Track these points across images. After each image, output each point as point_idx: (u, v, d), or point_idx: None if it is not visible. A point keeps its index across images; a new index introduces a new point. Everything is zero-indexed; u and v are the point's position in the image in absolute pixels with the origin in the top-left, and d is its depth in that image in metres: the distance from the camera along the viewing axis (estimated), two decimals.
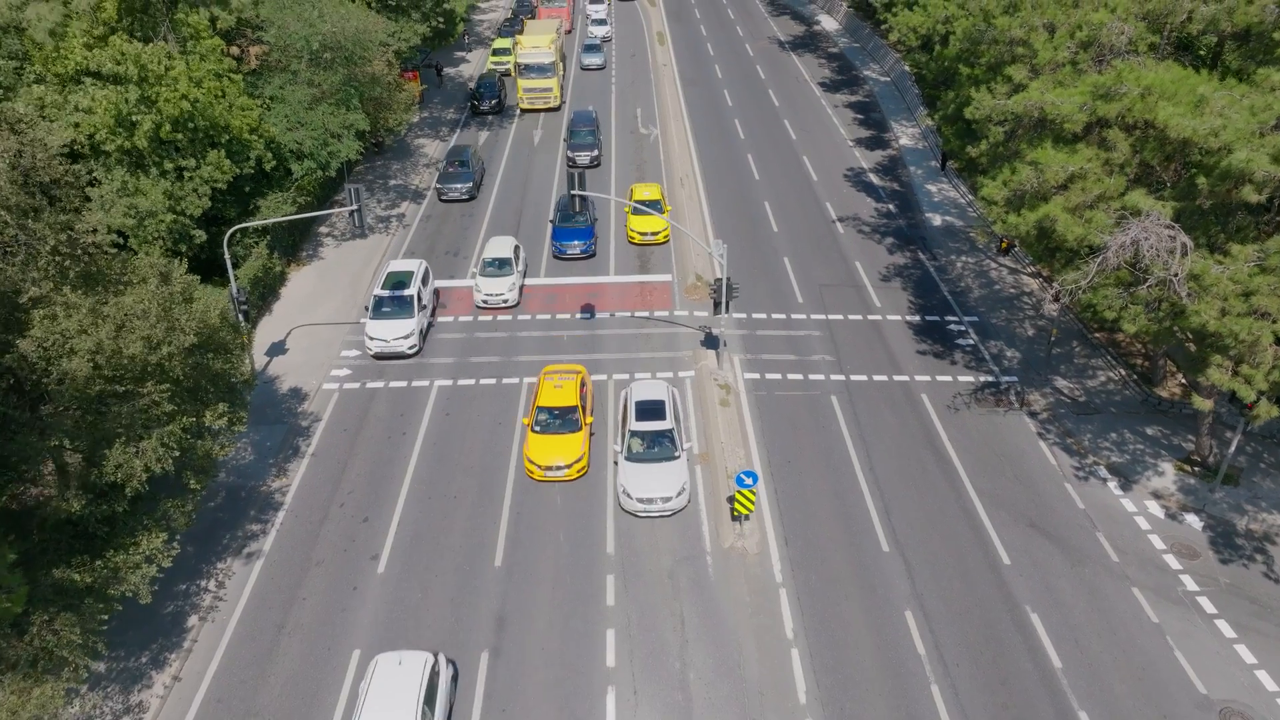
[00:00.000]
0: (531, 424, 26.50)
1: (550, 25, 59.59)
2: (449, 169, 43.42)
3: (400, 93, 42.90)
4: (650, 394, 26.88)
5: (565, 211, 37.67)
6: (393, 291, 31.91)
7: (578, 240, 37.18)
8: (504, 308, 33.98)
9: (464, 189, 42.51)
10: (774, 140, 50.55)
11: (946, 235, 39.92)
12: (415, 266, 33.22)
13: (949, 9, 36.84)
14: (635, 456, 25.13)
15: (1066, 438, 27.75)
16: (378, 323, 31.25)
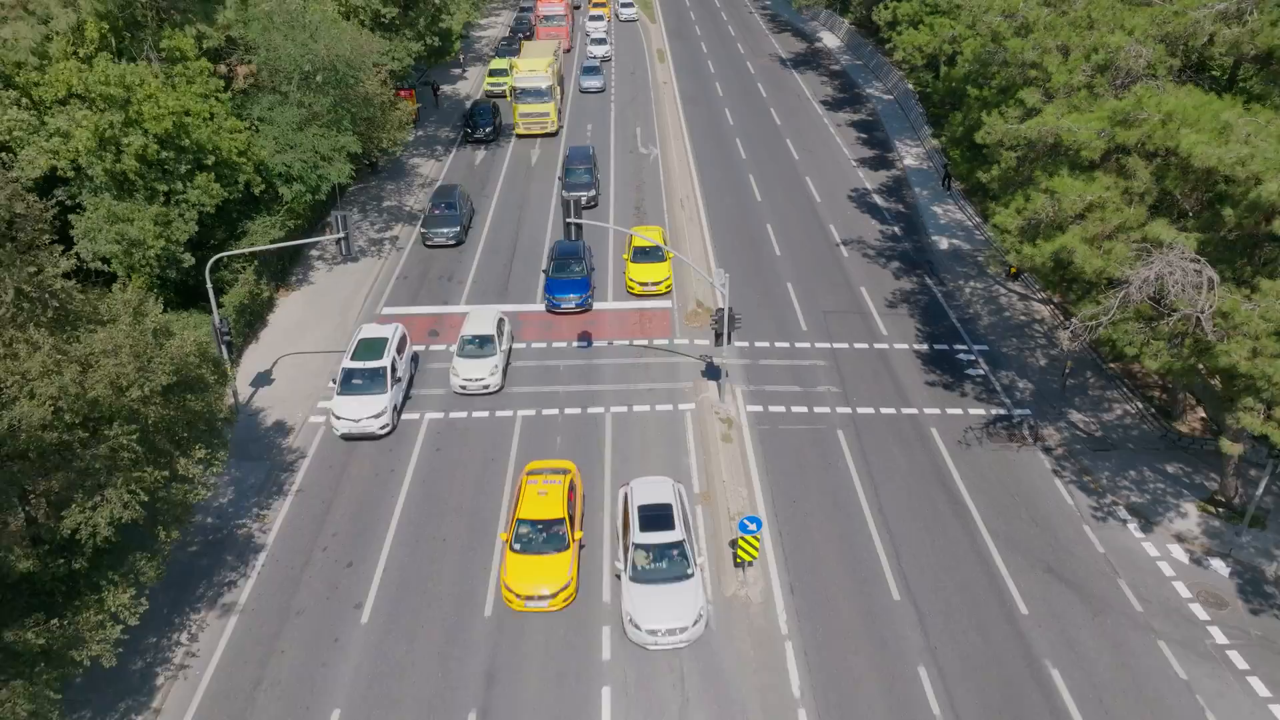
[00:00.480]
0: (510, 540, 22.68)
1: (548, 47, 57.71)
2: (434, 212, 39.98)
3: (394, 112, 41.96)
4: (654, 495, 23.24)
5: (560, 261, 35.33)
6: (363, 363, 28.35)
7: (573, 293, 34.24)
8: (485, 394, 29.80)
9: (450, 234, 39.26)
10: (776, 160, 49.60)
11: (954, 259, 38.87)
12: (389, 332, 29.72)
13: (956, 28, 35.92)
14: (641, 575, 21.61)
15: (1083, 475, 26.57)
16: (347, 399, 27.57)
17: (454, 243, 39.47)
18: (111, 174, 28.23)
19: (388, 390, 28.13)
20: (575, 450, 27.61)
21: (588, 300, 34.46)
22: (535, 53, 55.58)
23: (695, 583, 21.66)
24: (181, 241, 29.81)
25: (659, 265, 35.47)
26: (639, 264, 35.65)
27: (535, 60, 52.35)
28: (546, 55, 54.01)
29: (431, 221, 39.70)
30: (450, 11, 43.70)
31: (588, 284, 34.76)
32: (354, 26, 41.16)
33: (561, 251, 35.76)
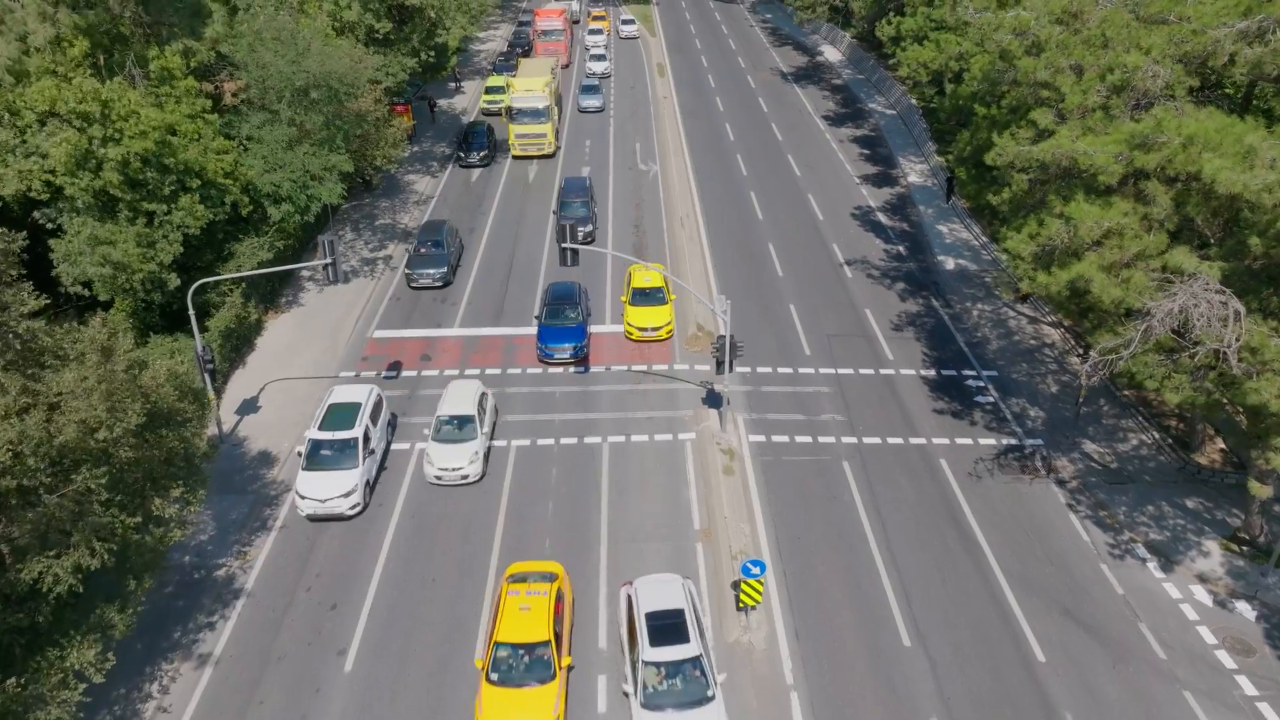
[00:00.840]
0: (486, 669, 19.35)
1: (545, 65, 56.02)
2: (420, 250, 37.18)
3: (388, 129, 41.12)
4: (663, 600, 20.25)
5: (554, 306, 32.63)
6: (333, 433, 25.14)
7: (568, 342, 31.50)
8: (463, 484, 26.06)
9: (436, 275, 36.46)
10: (778, 176, 48.74)
11: (960, 280, 37.92)
12: (363, 395, 26.51)
13: (963, 45, 35.06)
14: (653, 699, 18.69)
15: (1099, 510, 25.53)
16: (312, 475, 24.52)
17: (440, 284, 36.67)
18: (92, 193, 27.29)
19: (359, 464, 24.90)
20: (571, 480, 26.60)
21: (583, 350, 31.70)
22: (532, 71, 54.00)
23: (717, 708, 18.63)
24: (166, 264, 28.85)
25: (660, 309, 33.13)
26: (639, 307, 33.19)
27: (532, 80, 50.78)
28: (544, 74, 52.52)
29: (416, 261, 36.91)
30: (446, 27, 42.90)
31: (583, 331, 32.05)
32: (347, 42, 40.37)
33: (555, 294, 33.31)
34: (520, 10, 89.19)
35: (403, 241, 41.49)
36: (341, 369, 32.02)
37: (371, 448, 25.88)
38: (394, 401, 30.05)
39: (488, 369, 32.02)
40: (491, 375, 31.65)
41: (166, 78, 29.58)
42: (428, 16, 41.11)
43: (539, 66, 55.70)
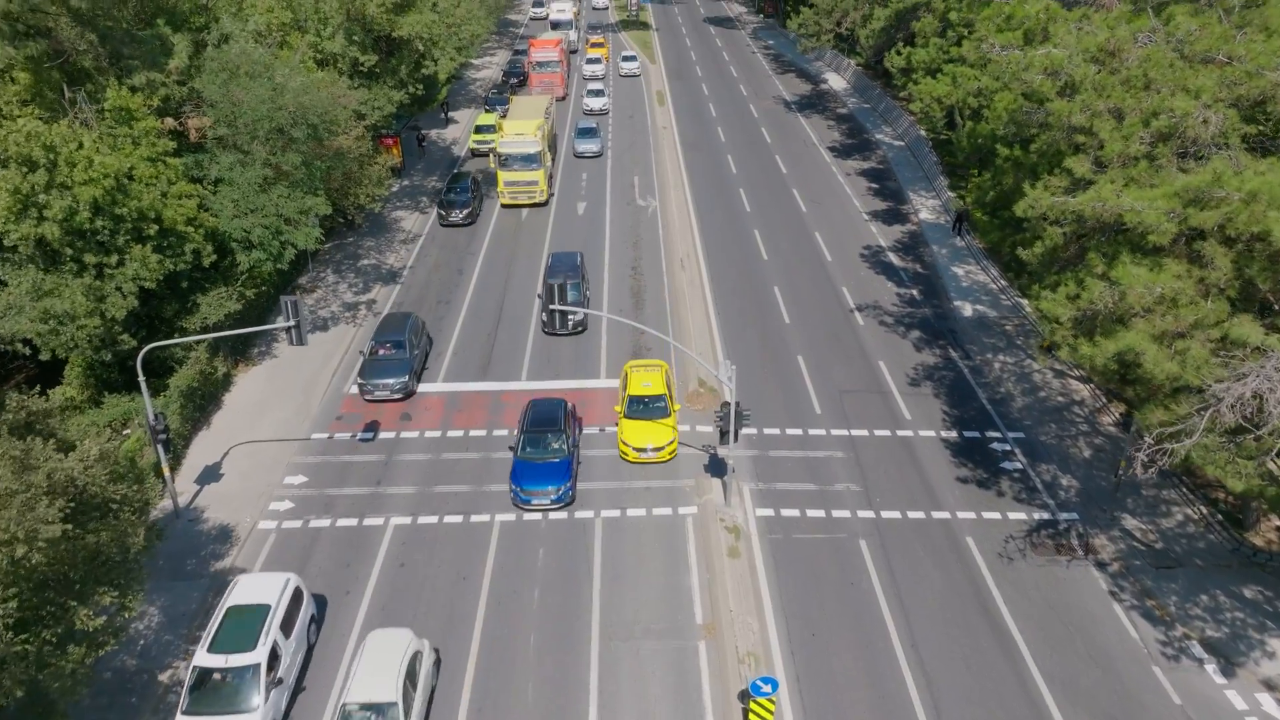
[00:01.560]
0: None
1: (539, 105, 51.69)
2: (376, 353, 30.35)
3: (371, 166, 38.96)
4: None
5: (532, 433, 26.42)
6: (226, 656, 18.75)
7: (550, 484, 25.33)
8: None
9: (396, 385, 29.80)
10: (783, 213, 46.53)
11: (979, 328, 35.54)
12: (274, 593, 20.03)
13: (981, 80, 32.86)
14: None
15: (1146, 599, 23.00)
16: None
17: (400, 396, 30.13)
18: (34, 241, 24.94)
19: (259, 703, 18.39)
20: (560, 562, 24.09)
21: (568, 493, 25.53)
22: (524, 112, 50.07)
23: None
24: (118, 319, 26.49)
25: (661, 426, 27.34)
26: (636, 421, 27.44)
27: (524, 122, 47.17)
28: (536, 115, 48.80)
29: (372, 368, 30.01)
30: (434, 59, 40.79)
31: (568, 468, 25.69)
32: (329, 75, 38.29)
33: (536, 417, 27.08)
34: (517, 37, 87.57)
35: (387, 284, 39.20)
36: (314, 429, 29.59)
37: (279, 675, 19.14)
38: (368, 469, 27.65)
39: (471, 430, 29.59)
40: (476, 437, 29.22)
41: (125, 118, 27.37)
42: (415, 48, 39.04)
43: (532, 106, 51.77)
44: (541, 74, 65.05)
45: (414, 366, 30.97)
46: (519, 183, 45.65)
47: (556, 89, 64.23)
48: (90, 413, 27.82)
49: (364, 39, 37.86)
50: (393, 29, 37.95)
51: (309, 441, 28.84)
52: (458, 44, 45.14)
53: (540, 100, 53.61)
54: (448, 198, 44.81)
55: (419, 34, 38.60)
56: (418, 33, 38.62)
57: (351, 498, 26.59)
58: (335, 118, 32.44)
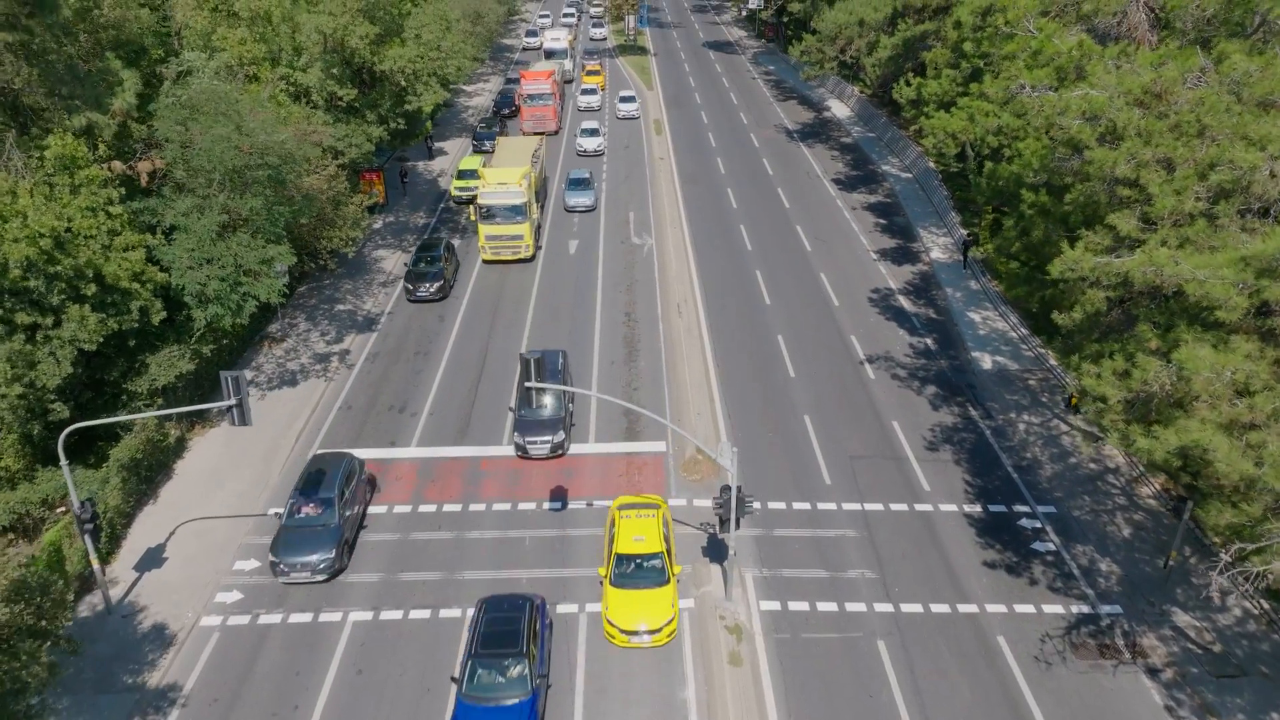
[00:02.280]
0: None
1: (526, 148, 47.32)
2: (293, 514, 23.84)
3: (348, 207, 36.43)
4: None
5: (485, 658, 19.57)
6: None
7: None
8: None
9: (318, 564, 23.17)
10: (786, 251, 43.97)
11: (1000, 382, 32.83)
12: None
13: (1001, 118, 30.38)
14: None
15: (1208, 716, 20.14)
16: None
17: (324, 578, 23.37)
18: None
19: None
20: None
21: None
22: (510, 158, 45.62)
23: None
24: (50, 387, 23.81)
25: (657, 598, 21.65)
26: (624, 591, 21.81)
27: (509, 170, 42.59)
28: (523, 161, 44.40)
29: (285, 545, 23.26)
30: (416, 93, 38.41)
31: (532, 709, 19.07)
32: (302, 110, 35.85)
33: (490, 629, 20.12)
34: (511, 63, 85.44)
35: (363, 331, 36.58)
36: (272, 503, 26.82)
37: None
38: None
39: (445, 504, 26.83)
40: (450, 513, 26.46)
41: (66, 165, 24.82)
42: (396, 83, 36.62)
43: (519, 150, 47.36)
44: (533, 107, 61.69)
45: (345, 533, 23.96)
46: (502, 237, 41.17)
47: (549, 123, 61.61)
48: (22, 487, 25.07)
49: (342, 72, 35.49)
50: (373, 62, 35.57)
51: (265, 519, 26.07)
52: (443, 78, 42.51)
53: (528, 143, 48.95)
54: (416, 269, 38.47)
55: (400, 68, 36.19)
56: (400, 66, 36.19)
57: (307, 587, 23.77)
58: (303, 157, 29.89)
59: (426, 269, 38.65)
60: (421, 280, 38.30)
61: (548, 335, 36.17)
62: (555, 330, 36.62)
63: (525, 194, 41.19)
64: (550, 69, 65.17)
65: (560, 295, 39.66)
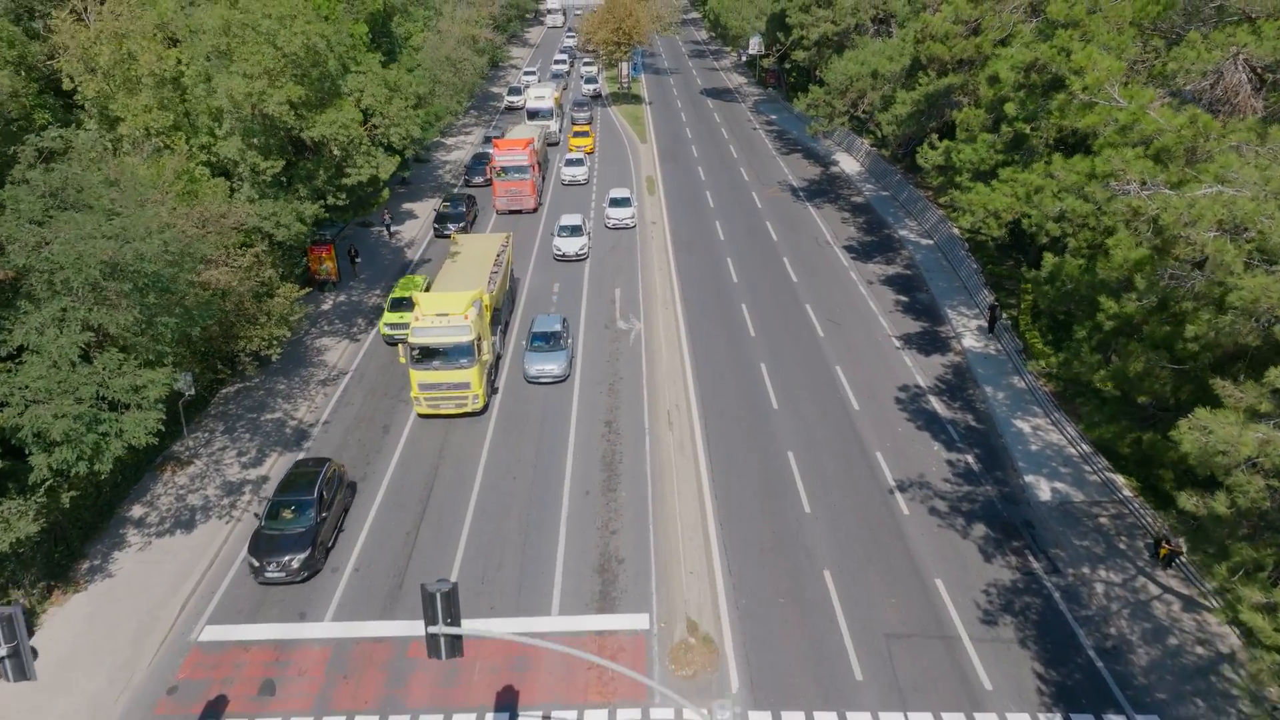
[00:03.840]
0: None
1: (484, 257, 36.52)
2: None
3: (273, 300, 30.55)
4: None
5: None
6: None
7: None
8: None
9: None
10: (795, 338, 37.98)
11: (1064, 519, 26.59)
12: None
13: (1065, 201, 24.46)
14: None
15: None
16: None
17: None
18: None
19: None
20: None
21: None
22: (458, 277, 34.18)
23: None
24: None
25: None
26: None
27: (452, 298, 31.14)
28: (476, 278, 33.78)
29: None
30: (357, 164, 32.51)
31: None
32: (220, 187, 30.11)
33: None
34: (497, 113, 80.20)
35: (290, 448, 30.46)
36: (131, 707, 20.48)
37: None
38: None
39: (357, 714, 20.45)
40: None
41: None
42: (331, 153, 30.88)
43: (474, 258, 36.43)
44: (508, 182, 52.52)
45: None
46: (441, 386, 30.53)
47: (526, 199, 52.94)
48: None
49: (265, 141, 29.77)
50: (300, 129, 29.88)
51: None
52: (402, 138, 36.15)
53: (489, 245, 38.70)
54: (266, 531, 24.50)
55: (335, 136, 30.41)
56: (333, 135, 30.39)
57: None
58: (199, 256, 24.01)
59: (284, 529, 24.39)
60: (273, 554, 24.04)
61: (511, 454, 30.03)
62: (520, 448, 30.50)
63: (473, 328, 30.52)
64: (528, 137, 55.05)
65: (528, 399, 33.59)
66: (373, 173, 33.30)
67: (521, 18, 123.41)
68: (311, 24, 28.58)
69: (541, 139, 59.95)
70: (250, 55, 27.45)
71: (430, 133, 53.11)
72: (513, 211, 53.00)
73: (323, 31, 29.13)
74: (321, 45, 28.83)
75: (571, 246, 45.80)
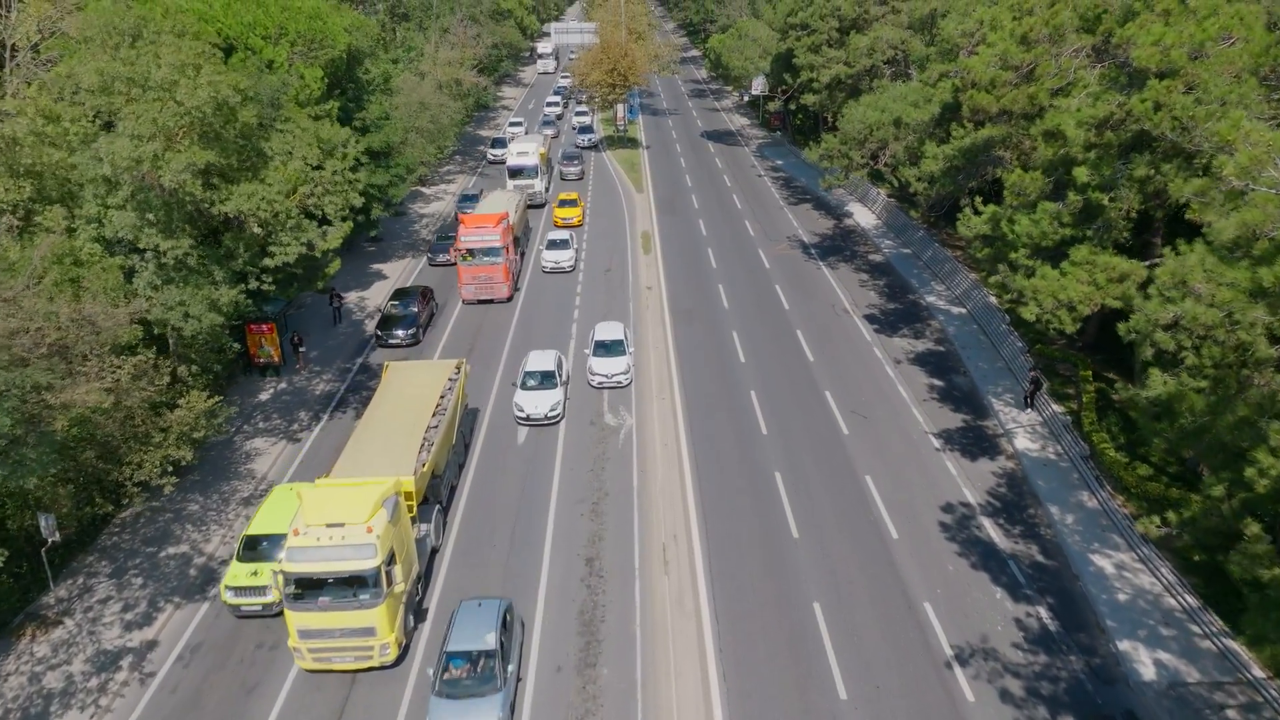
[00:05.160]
0: None
1: (426, 395, 27.46)
2: None
3: (176, 412, 24.66)
4: None
5: None
6: None
7: None
8: None
9: None
10: (815, 437, 32.01)
11: (1178, 709, 20.37)
12: None
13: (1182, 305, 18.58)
14: None
15: None
16: None
17: None
18: None
19: None
20: None
21: None
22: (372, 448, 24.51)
23: None
24: None
25: None
26: None
27: (350, 494, 21.33)
28: (397, 458, 23.80)
29: None
30: (283, 243, 26.48)
31: None
32: (110, 270, 24.35)
33: None
34: (481, 159, 74.60)
35: (191, 599, 24.35)
36: None
37: None
38: None
39: None
40: None
41: None
42: (251, 232, 25.07)
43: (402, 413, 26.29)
44: (475, 268, 42.47)
45: None
46: (332, 633, 20.52)
47: (497, 287, 43.22)
48: None
49: (167, 216, 23.99)
50: (210, 201, 24.07)
51: None
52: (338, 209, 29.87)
53: (428, 388, 27.94)
54: None
55: (253, 210, 24.46)
56: (252, 210, 24.45)
57: None
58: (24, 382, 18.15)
59: None
60: None
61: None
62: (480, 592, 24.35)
63: (380, 547, 20.31)
64: (500, 211, 44.79)
65: (494, 524, 27.52)
66: (301, 252, 27.38)
67: (515, 56, 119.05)
68: (224, 73, 23.06)
69: (522, 204, 50.71)
70: (142, 113, 21.88)
71: (401, 189, 47.54)
72: (482, 301, 43.93)
73: (236, 83, 23.54)
74: (235, 100, 23.16)
75: (540, 405, 32.03)
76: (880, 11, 52.34)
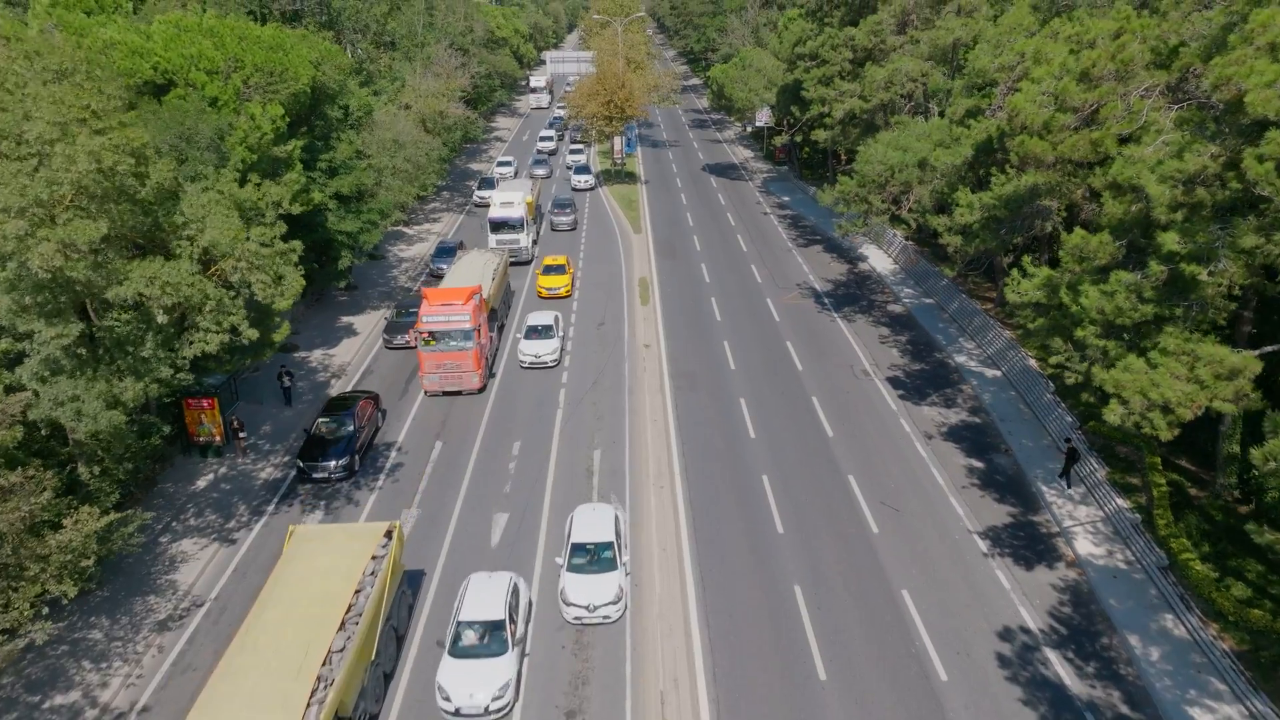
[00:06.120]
0: None
1: (344, 580, 20.79)
2: None
3: (56, 537, 19.96)
4: None
5: None
6: None
7: None
8: None
9: None
10: (841, 540, 27.25)
11: None
12: None
13: None
14: None
15: None
16: None
17: None
18: None
19: None
20: None
21: None
22: (270, 657, 18.41)
23: None
24: None
25: None
26: None
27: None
28: (307, 656, 18.34)
29: None
30: (201, 330, 21.58)
31: None
32: None
33: None
34: (469, 197, 70.24)
35: None
36: None
37: None
38: None
39: None
40: None
41: None
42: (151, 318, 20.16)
43: (299, 621, 19.49)
44: (439, 354, 34.97)
45: None
46: None
47: (467, 377, 35.48)
48: None
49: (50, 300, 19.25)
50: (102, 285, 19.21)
51: None
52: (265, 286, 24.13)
53: (334, 584, 20.68)
54: None
55: (155, 296, 19.58)
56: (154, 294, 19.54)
57: None
58: None
59: None
60: None
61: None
62: None
63: None
64: (473, 285, 37.40)
65: None
66: (223, 341, 22.50)
67: (510, 86, 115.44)
68: (118, 129, 18.57)
69: (503, 267, 43.77)
70: (9, 181, 17.38)
71: (374, 234, 43.12)
72: (447, 393, 36.16)
73: (133, 142, 18.88)
74: (127, 164, 18.44)
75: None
76: (898, 41, 48.19)
